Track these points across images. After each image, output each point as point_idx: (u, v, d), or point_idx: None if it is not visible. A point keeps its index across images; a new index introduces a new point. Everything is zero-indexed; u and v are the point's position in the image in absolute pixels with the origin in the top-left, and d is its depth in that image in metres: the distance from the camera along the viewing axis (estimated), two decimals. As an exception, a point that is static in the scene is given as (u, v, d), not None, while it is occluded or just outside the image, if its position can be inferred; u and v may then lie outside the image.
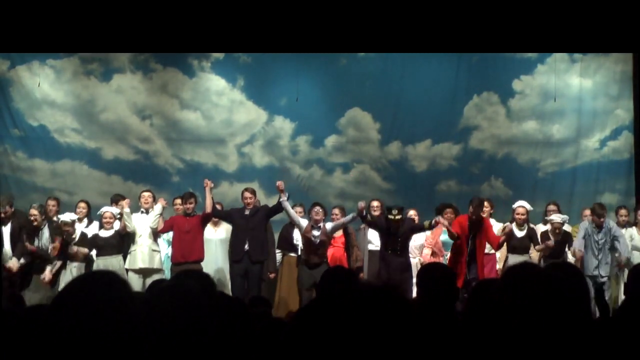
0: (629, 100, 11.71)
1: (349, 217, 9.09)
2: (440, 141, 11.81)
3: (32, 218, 8.93)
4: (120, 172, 11.57)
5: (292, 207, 9.22)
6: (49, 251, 8.83)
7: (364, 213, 8.80)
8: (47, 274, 8.70)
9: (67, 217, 8.89)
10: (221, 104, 11.77)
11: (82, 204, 9.57)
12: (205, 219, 9.16)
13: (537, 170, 11.79)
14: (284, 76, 11.67)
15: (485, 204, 9.40)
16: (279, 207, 9.12)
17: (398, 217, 8.58)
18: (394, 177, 11.75)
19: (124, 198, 9.42)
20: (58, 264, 8.78)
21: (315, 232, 8.86)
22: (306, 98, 11.59)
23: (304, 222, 9.01)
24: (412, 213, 9.54)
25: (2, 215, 8.79)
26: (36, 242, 8.91)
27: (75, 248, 8.74)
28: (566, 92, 11.80)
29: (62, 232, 8.79)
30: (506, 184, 11.69)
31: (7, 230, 8.91)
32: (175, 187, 11.24)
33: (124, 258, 9.00)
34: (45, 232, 8.95)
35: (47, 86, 11.51)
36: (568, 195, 11.50)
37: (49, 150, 11.50)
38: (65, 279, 8.55)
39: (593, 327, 2.86)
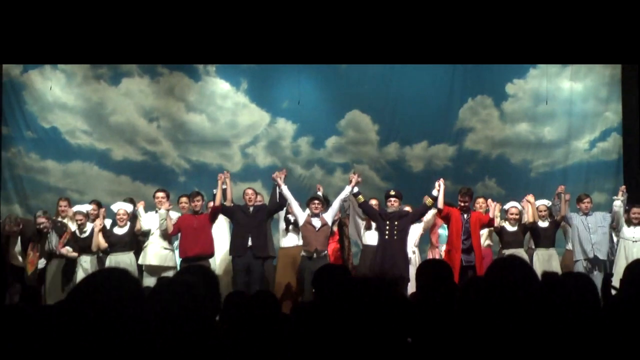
0: (618, 103, 11.93)
1: (342, 194, 8.94)
2: (437, 142, 12.05)
3: (41, 226, 9.08)
4: (129, 172, 11.77)
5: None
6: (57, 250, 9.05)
7: (356, 190, 8.75)
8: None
9: (80, 208, 9.20)
10: (226, 106, 11.99)
11: (94, 205, 9.65)
12: (214, 215, 9.11)
13: (529, 171, 12.02)
14: (286, 80, 11.87)
15: (481, 200, 9.62)
16: (280, 199, 8.98)
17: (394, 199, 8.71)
18: (392, 177, 11.94)
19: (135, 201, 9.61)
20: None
21: (315, 220, 8.90)
22: (307, 101, 11.81)
23: (303, 214, 8.98)
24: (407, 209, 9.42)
25: (11, 231, 8.99)
26: (46, 247, 9.09)
27: (65, 250, 8.96)
28: (557, 95, 12.03)
29: (62, 230, 9.00)
30: (499, 184, 11.90)
31: (16, 243, 9.15)
32: (182, 187, 11.38)
33: (136, 255, 9.14)
34: (53, 238, 9.07)
35: (58, 90, 11.71)
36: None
37: (61, 151, 11.70)
38: (78, 274, 8.82)
39: (583, 320, 2.89)
